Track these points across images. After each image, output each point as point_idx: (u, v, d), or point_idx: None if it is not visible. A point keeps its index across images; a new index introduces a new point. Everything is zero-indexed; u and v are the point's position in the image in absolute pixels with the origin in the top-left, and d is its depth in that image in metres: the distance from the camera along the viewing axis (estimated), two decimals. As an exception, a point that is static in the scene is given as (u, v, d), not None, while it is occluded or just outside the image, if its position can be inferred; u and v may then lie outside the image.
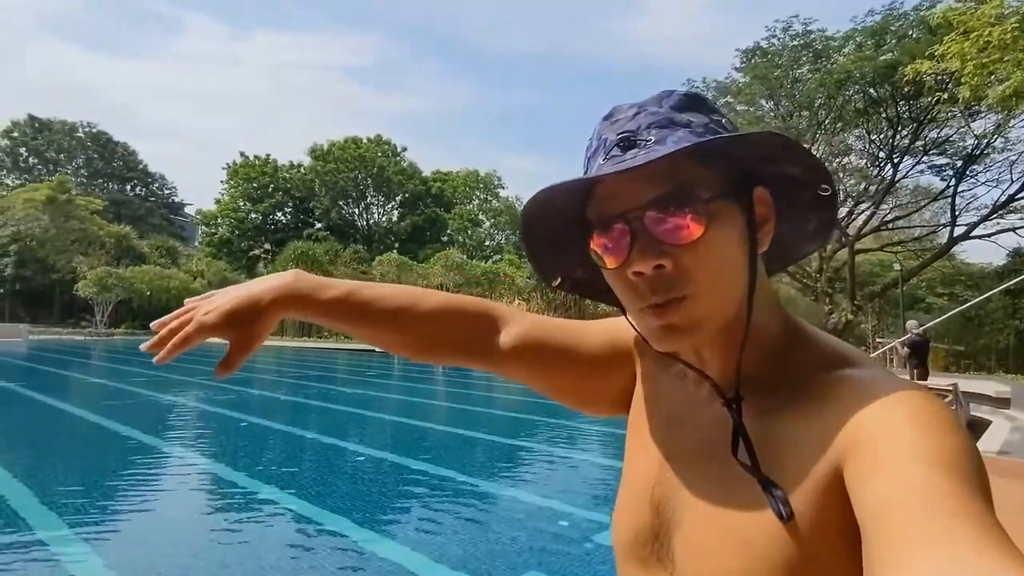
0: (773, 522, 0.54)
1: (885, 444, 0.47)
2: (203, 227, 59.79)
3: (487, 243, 54.94)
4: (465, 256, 36.16)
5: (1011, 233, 26.19)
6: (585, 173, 0.64)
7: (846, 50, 25.45)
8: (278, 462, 7.12)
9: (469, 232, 54.44)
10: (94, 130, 69.02)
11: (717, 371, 0.65)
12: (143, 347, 0.78)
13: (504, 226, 54.20)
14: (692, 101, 0.63)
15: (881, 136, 27.17)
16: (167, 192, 75.66)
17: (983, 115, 22.82)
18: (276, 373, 20.26)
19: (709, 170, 0.59)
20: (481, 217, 56.34)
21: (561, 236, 0.69)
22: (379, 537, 4.58)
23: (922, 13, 21.84)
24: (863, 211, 28.66)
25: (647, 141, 0.59)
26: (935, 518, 0.40)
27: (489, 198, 57.67)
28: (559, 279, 0.75)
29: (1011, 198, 25.34)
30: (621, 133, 0.60)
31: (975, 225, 26.80)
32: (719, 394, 0.64)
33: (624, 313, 0.69)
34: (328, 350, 32.38)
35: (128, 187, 71.06)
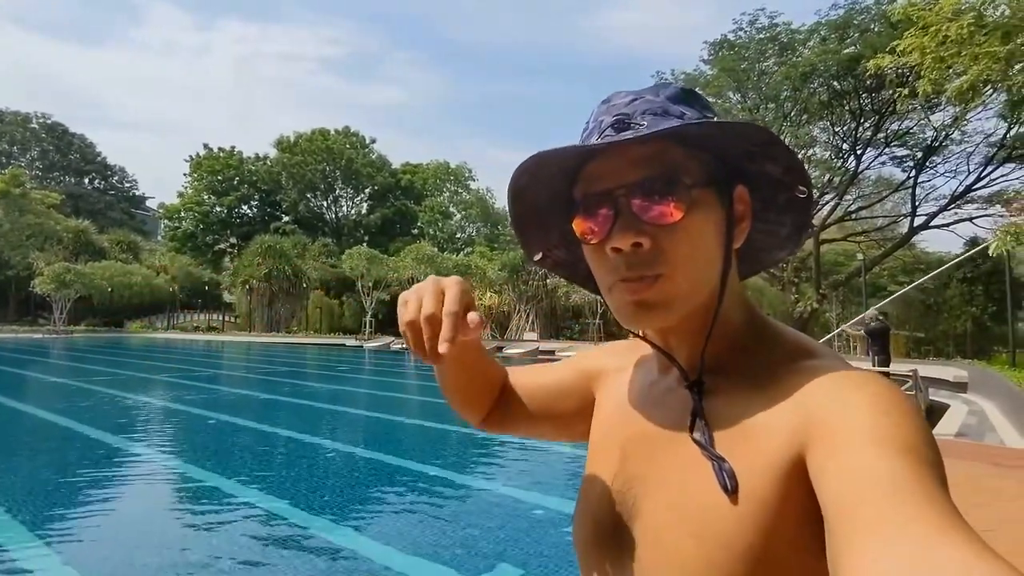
0: (730, 508, 0.55)
1: (846, 431, 0.49)
2: (166, 221, 58.42)
3: (458, 236, 54.71)
4: (436, 249, 35.99)
5: (968, 223, 27.01)
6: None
7: (811, 43, 25.86)
8: (246, 459, 7.01)
9: (440, 225, 54.14)
10: (49, 121, 66.87)
11: (683, 357, 0.67)
12: (426, 361, 0.63)
13: (475, 219, 54.02)
14: (687, 95, 0.65)
15: (844, 128, 27.72)
16: (127, 185, 73.74)
17: (942, 108, 23.39)
18: (244, 369, 19.94)
19: (694, 160, 0.61)
20: (452, 209, 56.05)
21: (546, 212, 0.71)
22: (351, 531, 4.54)
23: (883, 7, 22.27)
24: (827, 202, 29.24)
25: (640, 125, 0.61)
26: (896, 502, 0.41)
27: (460, 190, 57.38)
28: (540, 255, 0.76)
29: (968, 189, 26.11)
30: (616, 116, 0.62)
31: (934, 215, 27.57)
32: (683, 376, 0.66)
33: (600, 295, 0.69)
34: (297, 345, 31.97)
35: (86, 180, 69.08)
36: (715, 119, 0.63)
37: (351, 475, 6.48)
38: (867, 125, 26.92)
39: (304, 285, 41.87)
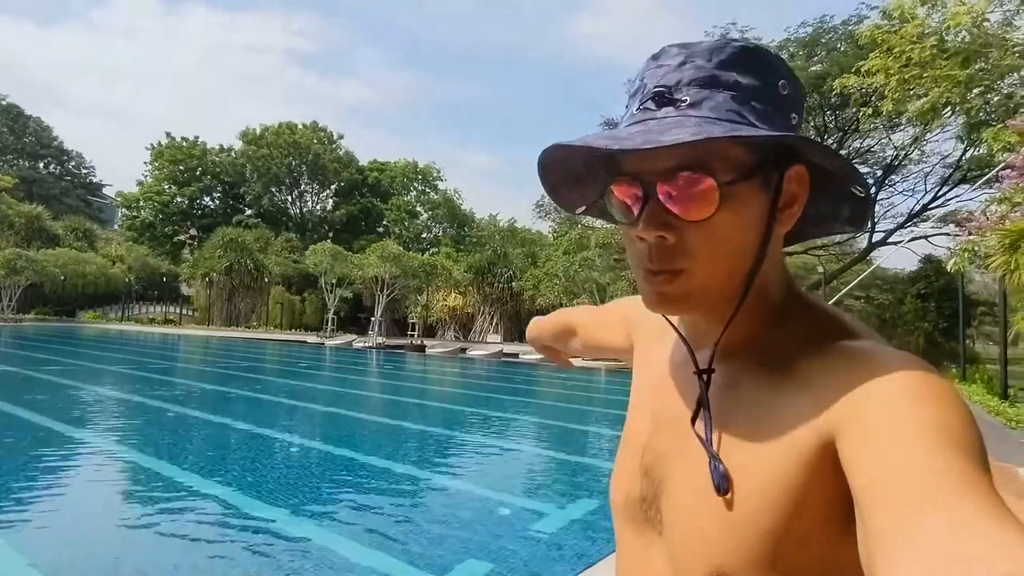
0: (753, 492, 0.55)
1: (883, 417, 0.47)
2: (124, 210, 56.69)
3: (424, 235, 54.37)
4: (402, 248, 35.62)
5: (924, 240, 27.90)
6: (627, 110, 0.62)
7: (779, 59, 26.38)
8: (202, 453, 6.78)
9: (406, 224, 53.75)
10: (3, 102, 64.42)
11: (711, 339, 0.64)
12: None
13: (442, 219, 53.77)
14: (747, 57, 0.58)
15: (809, 145, 28.37)
16: (85, 171, 71.41)
17: (902, 128, 24.13)
18: (201, 363, 19.44)
19: (739, 144, 0.56)
20: (419, 209, 55.70)
21: (583, 173, 0.68)
22: (316, 528, 4.43)
23: (850, 28, 22.84)
24: (790, 215, 29.85)
25: (682, 102, 0.56)
26: (934, 488, 0.40)
27: (427, 190, 57.06)
28: (583, 207, 0.73)
29: (925, 207, 26.99)
30: (659, 86, 0.58)
31: (892, 232, 28.40)
32: (694, 364, 0.64)
33: None
34: (257, 340, 31.31)
35: (41, 164, 66.71)
36: (781, 83, 0.59)
37: (311, 471, 6.32)
38: (831, 141, 27.57)
39: (266, 280, 41.09)
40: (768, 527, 0.53)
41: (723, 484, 0.56)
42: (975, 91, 13.96)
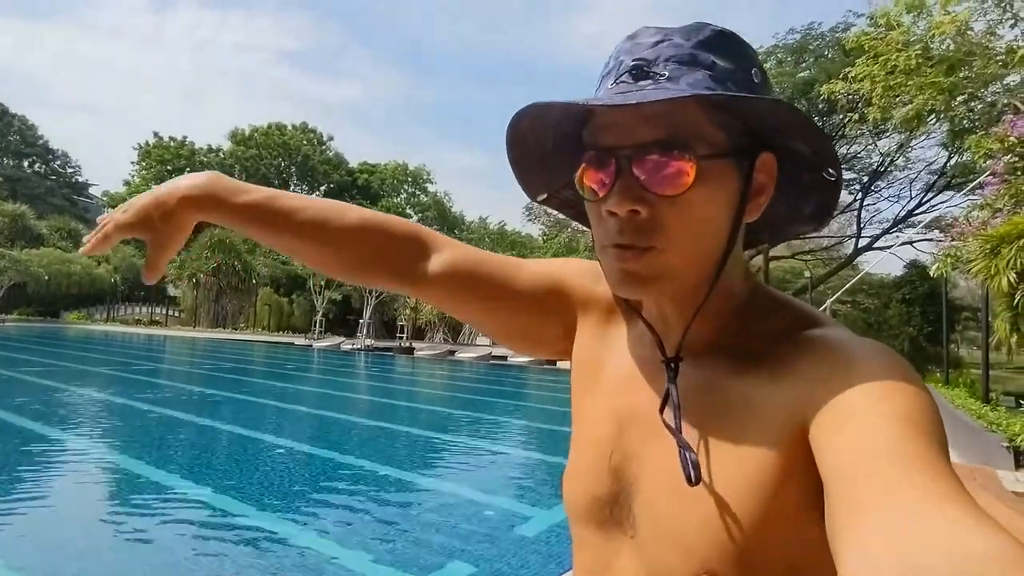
0: (731, 485, 0.55)
1: (848, 402, 0.48)
2: (109, 209, 55.61)
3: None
4: (391, 250, 35.54)
5: (909, 246, 28.16)
6: (598, 89, 0.61)
7: (768, 64, 26.56)
8: (186, 455, 6.73)
9: (396, 226, 53.59)
10: (-12, 100, 63.67)
11: (678, 330, 0.63)
12: (82, 251, 0.79)
13: (432, 221, 53.69)
14: (723, 41, 0.58)
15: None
16: (70, 171, 70.75)
17: (888, 135, 24.37)
18: (188, 364, 19.29)
19: (715, 123, 0.55)
20: (409, 211, 55.59)
21: (552, 154, 0.65)
22: (301, 529, 4.41)
23: (838, 35, 23.06)
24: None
25: (660, 76, 0.55)
26: (895, 471, 0.41)
27: (418, 192, 56.98)
28: (545, 195, 0.71)
29: (910, 213, 27.31)
30: (636, 59, 0.56)
31: (877, 237, 28.68)
32: (660, 352, 0.63)
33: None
34: (244, 342, 31.11)
35: (26, 163, 65.99)
36: (754, 70, 0.58)
37: (296, 474, 6.28)
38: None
39: (254, 281, 40.85)
40: (750, 517, 0.53)
41: (693, 473, 0.55)
42: (959, 99, 14.15)
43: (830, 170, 0.59)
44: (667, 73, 0.55)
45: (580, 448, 0.71)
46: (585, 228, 0.71)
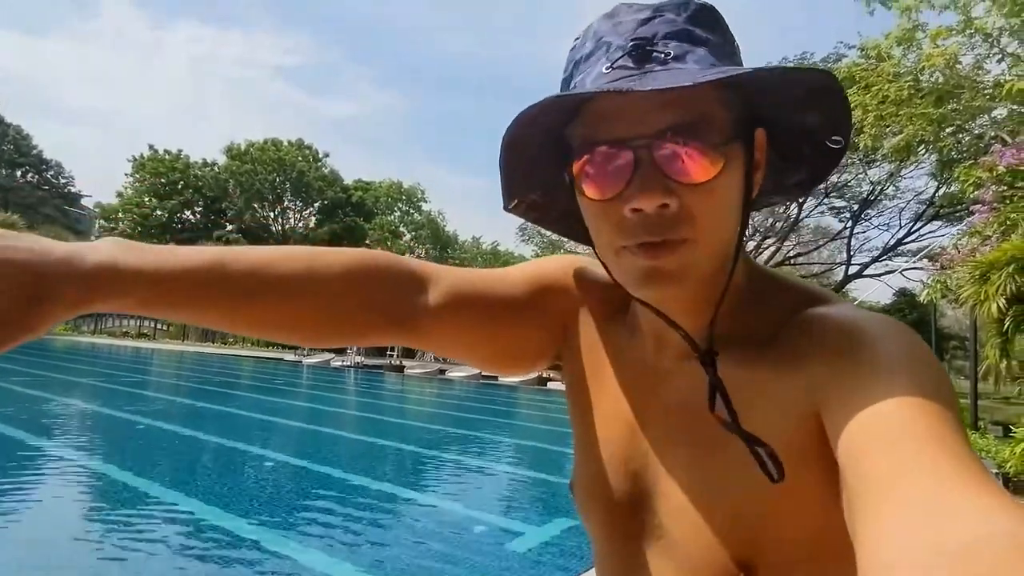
0: (756, 479, 0.53)
1: (859, 383, 0.46)
2: (101, 221, 56.01)
3: (406, 256, 54.30)
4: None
5: (898, 274, 28.47)
6: (570, 81, 0.56)
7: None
8: (173, 470, 6.64)
9: (389, 244, 53.63)
10: (-17, 109, 63.62)
11: (688, 327, 0.58)
12: None
13: (425, 240, 53.78)
14: (710, 15, 0.55)
15: (788, 177, 28.98)
16: (63, 181, 70.46)
17: (878, 164, 24.70)
18: (174, 377, 19.12)
19: (723, 105, 0.52)
20: (402, 229, 55.70)
21: (536, 157, 0.59)
22: (289, 547, 4.35)
23: (830, 65, 23.46)
24: (769, 246, 30.33)
25: (666, 55, 0.51)
26: (913, 452, 0.39)
27: (411, 211, 57.13)
28: (515, 202, 0.64)
29: (899, 242, 27.59)
30: (634, 39, 0.52)
31: (867, 265, 28.95)
32: (693, 349, 0.58)
33: (592, 247, 0.60)
34: (232, 357, 30.88)
35: (19, 173, 65.74)
36: (736, 45, 0.57)
37: (285, 490, 6.21)
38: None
39: (245, 296, 40.70)
40: (775, 506, 0.53)
41: (775, 470, 0.51)
42: (948, 130, 14.40)
43: (837, 138, 0.56)
44: (672, 52, 0.51)
45: (590, 455, 0.68)
46: (577, 248, 0.68)
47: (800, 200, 28.80)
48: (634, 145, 0.51)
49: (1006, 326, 5.93)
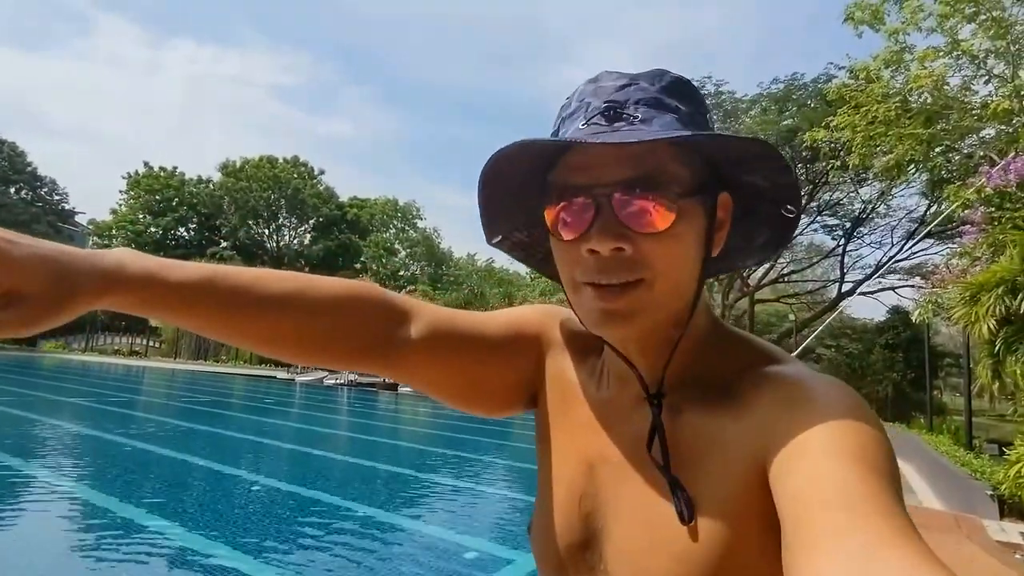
0: (701, 523, 0.56)
1: (802, 441, 0.49)
2: (95, 238, 55.87)
3: (401, 273, 54.24)
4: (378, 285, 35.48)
5: (891, 291, 28.58)
6: (556, 133, 0.62)
7: (753, 112, 27.23)
8: (160, 492, 6.55)
9: (384, 261, 53.61)
10: (-22, 126, 63.59)
11: (643, 367, 0.63)
12: None
13: (420, 257, 53.77)
14: (683, 88, 0.61)
15: (780, 196, 29.18)
16: (57, 198, 70.30)
17: (869, 183, 24.91)
18: (165, 397, 18.95)
19: (682, 162, 0.57)
20: (397, 246, 55.69)
21: (515, 196, 0.65)
22: (278, 568, 4.28)
23: (820, 86, 23.71)
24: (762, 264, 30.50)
25: (634, 117, 0.57)
26: (848, 512, 0.41)
27: (407, 228, 57.18)
28: (500, 237, 0.70)
29: (891, 259, 27.70)
30: (608, 101, 0.58)
31: (860, 282, 29.02)
32: (643, 388, 0.62)
33: (561, 285, 0.64)
34: (224, 375, 30.67)
35: (12, 190, 65.59)
36: (708, 116, 0.61)
37: (274, 511, 6.13)
38: (802, 194, 28.36)
39: (238, 313, 40.51)
40: (718, 554, 0.54)
41: (687, 512, 0.55)
42: (937, 149, 14.53)
43: (790, 207, 0.61)
44: (640, 115, 0.56)
45: (547, 494, 0.70)
46: (538, 272, 0.72)
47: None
48: (595, 194, 0.56)
49: (997, 347, 5.93)
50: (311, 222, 56.06)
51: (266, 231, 56.12)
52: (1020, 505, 6.06)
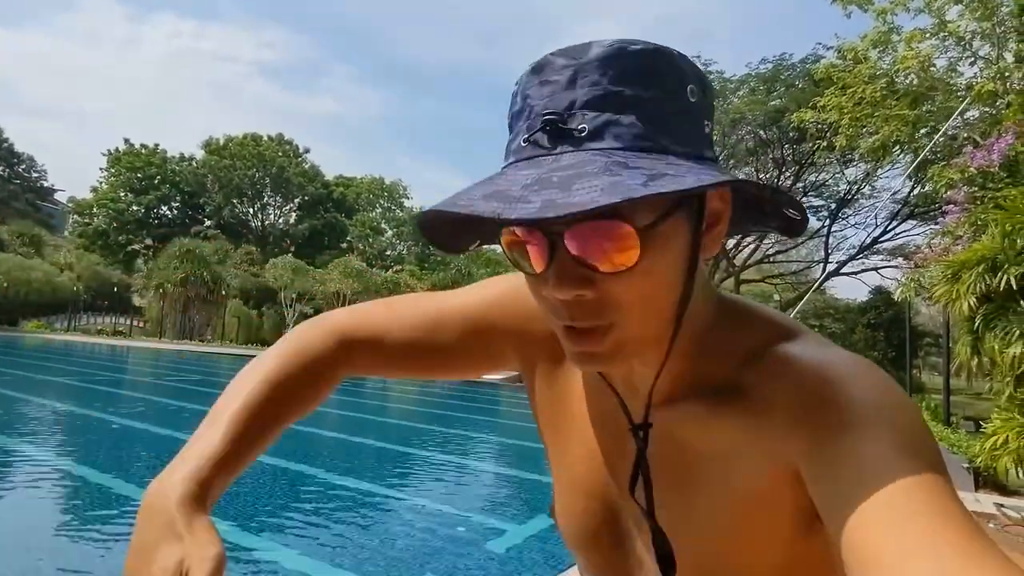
0: (720, 522, 0.55)
1: (842, 441, 0.44)
2: (75, 216, 55.01)
3: (388, 252, 54.02)
4: (365, 264, 35.34)
5: (874, 272, 28.95)
6: (511, 133, 0.52)
7: (741, 92, 27.26)
8: (149, 467, 6.56)
9: (370, 240, 53.33)
10: (-48, 101, 62.06)
11: (630, 393, 0.60)
12: None
13: (407, 237, 53.54)
14: (646, 64, 0.48)
15: (767, 176, 29.29)
16: (35, 175, 69.00)
17: (855, 164, 25.10)
18: (152, 375, 18.87)
19: None
20: (384, 226, 55.38)
21: (464, 226, 0.57)
22: (267, 545, 4.32)
23: (808, 66, 23.74)
24: (748, 244, 30.66)
25: (579, 132, 0.46)
26: (916, 532, 0.38)
27: (393, 207, 56.83)
28: (474, 244, 0.61)
29: (875, 240, 28.06)
30: (548, 114, 0.47)
31: (844, 263, 29.37)
32: (628, 419, 0.59)
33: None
34: (211, 355, 30.52)
35: (-11, 167, 64.34)
36: (691, 88, 0.50)
37: (264, 488, 6.16)
38: (788, 174, 28.52)
39: (223, 293, 40.20)
40: (744, 551, 0.55)
41: (668, 569, 0.55)
42: (922, 131, 14.66)
43: (793, 211, 0.53)
44: (586, 126, 0.46)
45: (567, 489, 0.69)
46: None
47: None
48: (548, 231, 0.47)
49: (976, 324, 6.06)
50: (296, 201, 55.52)
51: (251, 210, 55.53)
52: (994, 477, 6.24)
